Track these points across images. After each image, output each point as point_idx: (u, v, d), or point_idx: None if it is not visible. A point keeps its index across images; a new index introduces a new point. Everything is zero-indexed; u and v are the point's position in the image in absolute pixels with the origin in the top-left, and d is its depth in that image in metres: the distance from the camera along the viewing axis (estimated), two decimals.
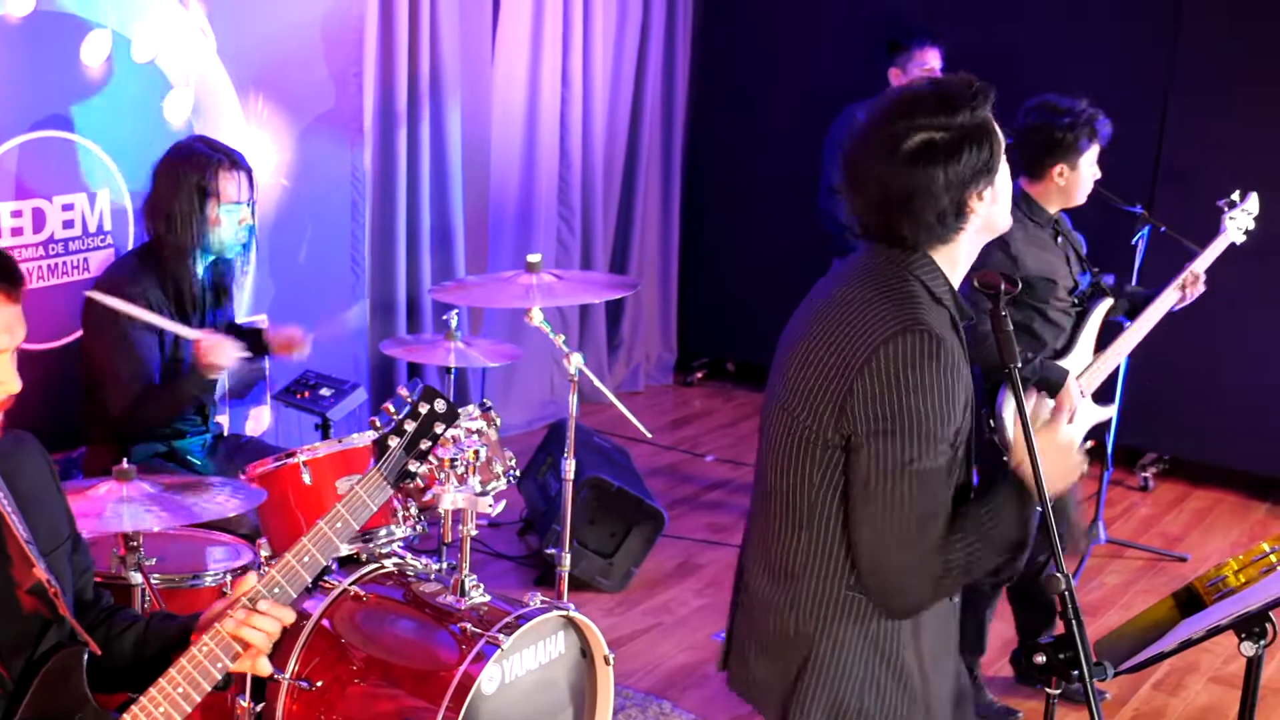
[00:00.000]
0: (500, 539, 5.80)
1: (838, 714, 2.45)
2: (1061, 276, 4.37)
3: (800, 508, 2.44)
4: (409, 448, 2.56)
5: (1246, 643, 2.41)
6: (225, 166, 4.27)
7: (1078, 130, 4.28)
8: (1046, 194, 4.38)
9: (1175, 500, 6.79)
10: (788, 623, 2.48)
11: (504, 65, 6.83)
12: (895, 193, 2.39)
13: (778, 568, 2.50)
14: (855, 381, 2.32)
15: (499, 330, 6.79)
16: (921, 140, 2.37)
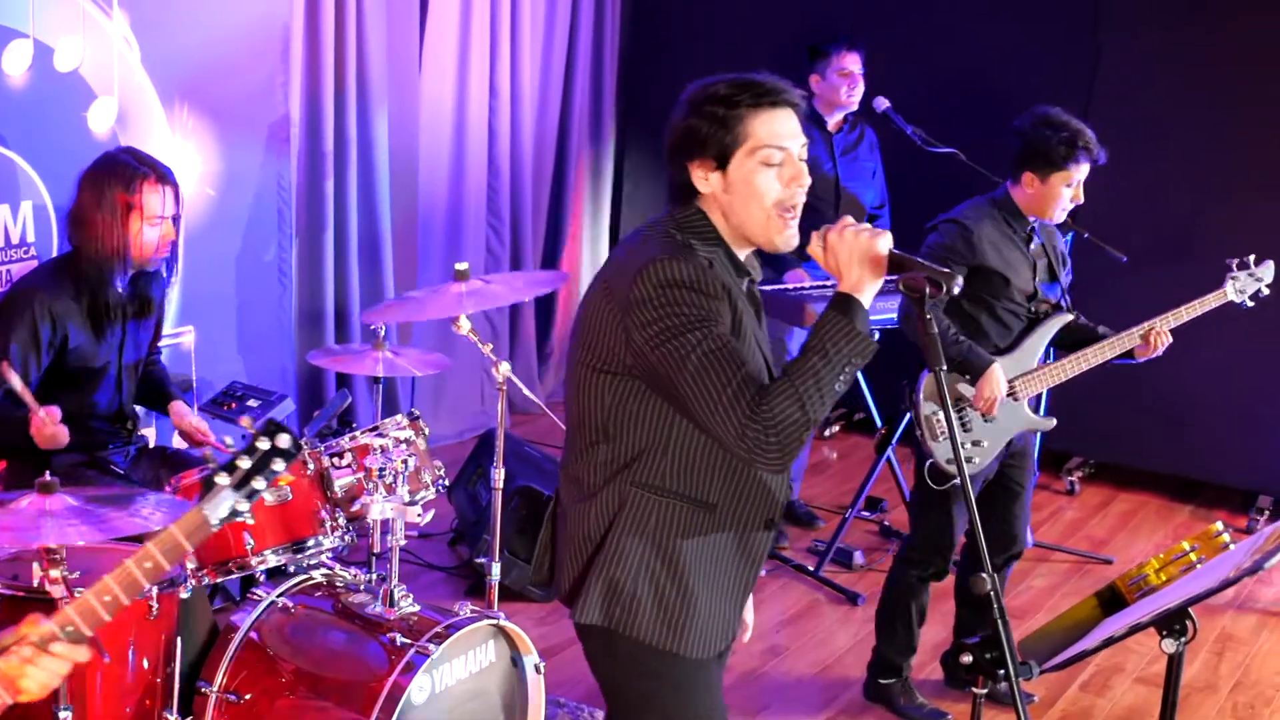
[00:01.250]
0: (431, 550, 5.77)
1: (613, 594, 2.68)
2: (1019, 279, 4.42)
3: (597, 425, 2.68)
4: (239, 486, 2.41)
5: (1168, 640, 2.44)
6: (150, 180, 4.21)
7: (1055, 146, 4.31)
8: (1023, 199, 4.43)
9: (1101, 504, 6.87)
10: (589, 525, 2.72)
11: (431, 74, 6.81)
12: (666, 144, 2.70)
13: (583, 481, 2.74)
14: (629, 312, 2.56)
15: (428, 340, 6.76)
16: (682, 108, 2.66)
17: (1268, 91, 6.38)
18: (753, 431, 2.45)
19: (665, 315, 2.51)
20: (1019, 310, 4.46)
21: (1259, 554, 2.38)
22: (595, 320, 2.64)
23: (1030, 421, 4.55)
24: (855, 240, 2.51)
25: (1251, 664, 5.20)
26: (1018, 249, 4.44)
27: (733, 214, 2.65)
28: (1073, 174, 4.33)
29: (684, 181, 2.66)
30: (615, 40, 7.97)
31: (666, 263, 2.53)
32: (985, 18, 6.99)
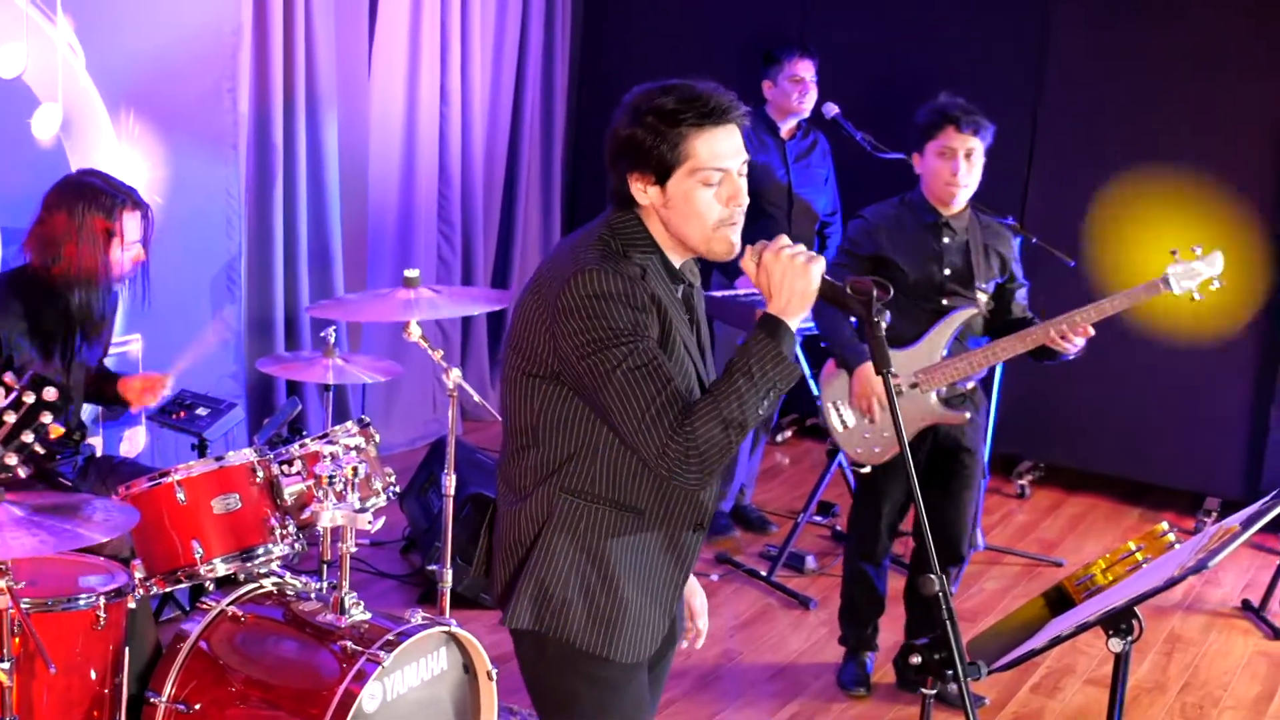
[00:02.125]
0: (383, 558, 5.75)
1: (543, 598, 2.68)
2: (919, 271, 4.49)
3: (527, 428, 2.68)
4: (7, 440, 2.37)
5: (1114, 639, 2.46)
6: (129, 207, 4.25)
7: (922, 119, 4.47)
8: (925, 188, 4.56)
9: (1051, 507, 6.92)
10: (520, 529, 2.72)
11: (381, 81, 6.79)
12: (608, 150, 2.68)
13: (514, 484, 2.75)
14: (555, 319, 2.56)
15: (379, 348, 6.74)
16: (624, 114, 2.64)
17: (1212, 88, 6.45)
18: (673, 451, 2.48)
19: (592, 327, 2.52)
20: (924, 302, 4.50)
21: (1203, 553, 2.40)
22: (525, 323, 2.66)
23: (940, 414, 4.58)
24: (790, 264, 2.51)
25: (1200, 664, 5.25)
26: (922, 242, 4.53)
27: (672, 226, 2.64)
28: (943, 141, 4.43)
29: (623, 189, 2.65)
30: (566, 47, 7.98)
31: (595, 273, 2.53)
32: (933, 22, 7.03)
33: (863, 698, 4.82)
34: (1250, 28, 6.40)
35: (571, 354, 2.54)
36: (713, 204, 2.60)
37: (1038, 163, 6.87)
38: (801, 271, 2.50)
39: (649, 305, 2.55)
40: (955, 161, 4.44)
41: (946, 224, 4.55)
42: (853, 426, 4.62)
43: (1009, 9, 6.88)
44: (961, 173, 4.45)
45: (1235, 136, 6.46)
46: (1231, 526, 2.53)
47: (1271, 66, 6.36)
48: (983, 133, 4.46)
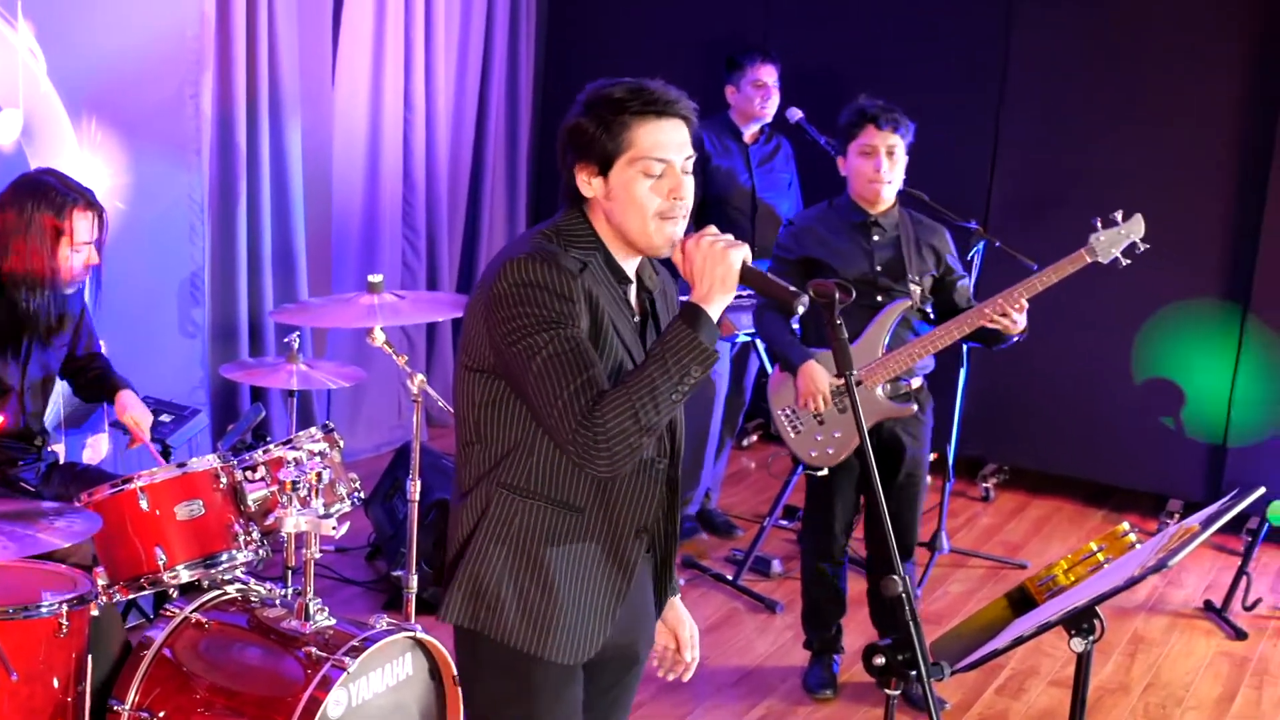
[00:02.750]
0: (348, 564, 5.73)
1: (477, 595, 2.67)
2: (848, 269, 4.53)
3: (471, 424, 2.69)
4: None
5: (1076, 639, 2.47)
6: (80, 206, 4.20)
7: (844, 120, 4.55)
8: (851, 189, 4.63)
9: (1015, 509, 6.95)
10: (461, 525, 2.72)
11: (345, 88, 6.78)
12: (558, 145, 2.69)
13: (460, 481, 2.75)
14: (489, 310, 2.57)
15: (343, 354, 6.72)
16: (583, 98, 2.66)
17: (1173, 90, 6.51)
18: (582, 437, 2.47)
19: (518, 315, 2.52)
20: (860, 300, 4.54)
21: (1163, 552, 2.42)
22: (470, 318, 2.66)
23: (888, 410, 4.60)
24: (710, 251, 2.51)
25: (1163, 665, 5.28)
26: (853, 241, 4.60)
27: (614, 218, 2.63)
28: (864, 140, 4.50)
29: (571, 184, 2.66)
30: (530, 54, 7.98)
31: (524, 261, 2.53)
32: (896, 27, 7.06)
33: (829, 700, 4.84)
34: (1211, 26, 6.44)
35: (500, 341, 2.55)
36: (651, 195, 2.59)
37: (1000, 166, 6.91)
38: (720, 257, 2.49)
39: (578, 297, 2.55)
40: (878, 159, 4.51)
41: (875, 222, 4.62)
42: (804, 431, 4.64)
43: (971, 14, 6.91)
44: (884, 169, 4.52)
45: (1197, 137, 6.51)
46: (1191, 526, 2.55)
47: (1234, 63, 6.41)
48: (902, 129, 4.52)
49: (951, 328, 4.53)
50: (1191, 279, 6.57)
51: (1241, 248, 6.47)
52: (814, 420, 4.61)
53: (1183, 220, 6.42)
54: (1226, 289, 6.54)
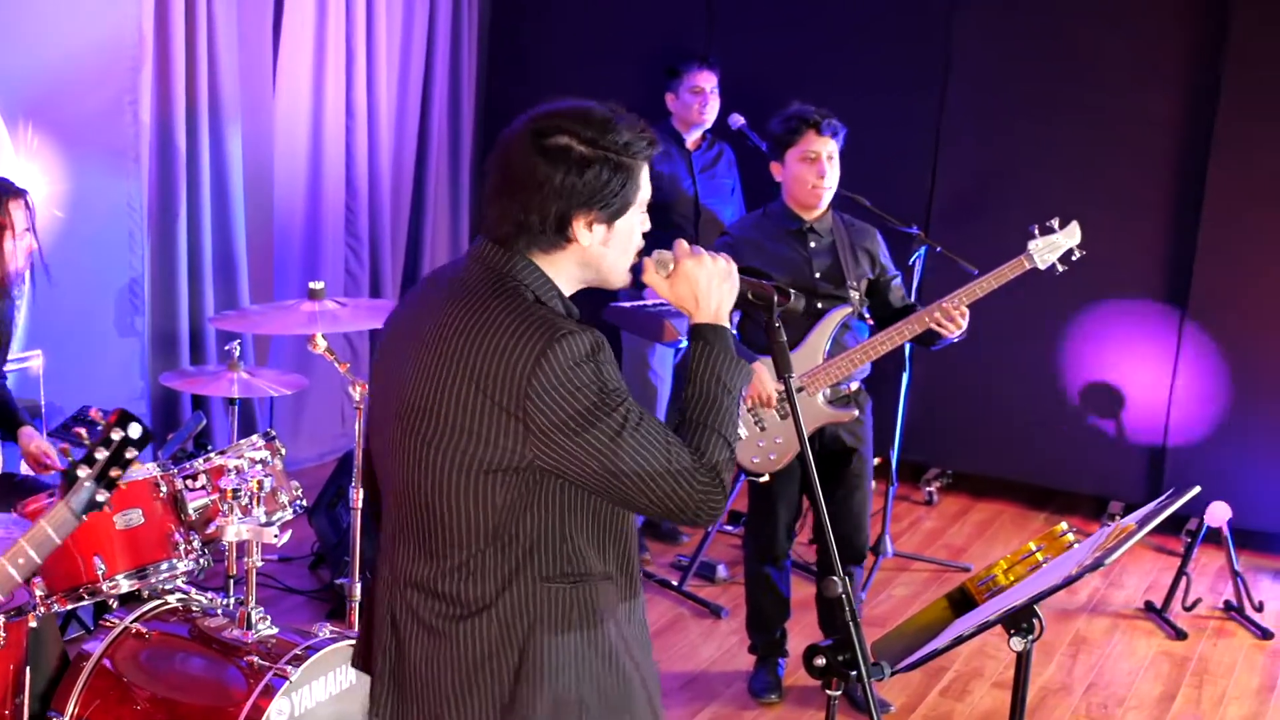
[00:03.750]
0: (292, 574, 5.70)
1: (559, 710, 2.39)
2: (786, 276, 4.50)
3: (485, 532, 2.36)
4: (100, 478, 2.43)
5: (1016, 638, 2.49)
6: (14, 197, 4.17)
7: (779, 127, 4.56)
8: (786, 196, 4.64)
9: (958, 513, 7.00)
10: (491, 641, 2.40)
11: (286, 95, 6.74)
12: (513, 178, 2.37)
13: (464, 597, 2.40)
14: (528, 405, 2.27)
15: (286, 362, 6.68)
16: (561, 141, 2.34)
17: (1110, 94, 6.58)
18: (706, 489, 2.30)
19: (580, 398, 2.27)
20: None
21: (1100, 551, 2.44)
22: (469, 421, 2.31)
23: (828, 415, 4.62)
24: (715, 268, 2.42)
25: (1104, 665, 5.33)
26: (789, 249, 4.62)
27: (595, 263, 2.43)
28: (805, 146, 4.52)
29: (554, 231, 2.37)
30: (473, 62, 7.96)
31: (568, 340, 2.27)
32: (838, 35, 7.10)
33: (774, 704, 4.85)
34: (1143, 36, 6.52)
35: (559, 431, 2.27)
36: (639, 234, 2.46)
37: (941, 172, 6.96)
38: (726, 274, 2.44)
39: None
40: (820, 165, 4.53)
41: (811, 229, 4.64)
42: (746, 437, 4.65)
43: (912, 21, 6.96)
44: (826, 175, 4.54)
45: (1137, 143, 6.58)
46: (1128, 525, 2.57)
47: (1172, 70, 6.48)
48: (839, 135, 4.57)
49: (893, 333, 4.55)
50: (1130, 282, 6.64)
51: (1179, 251, 6.54)
52: (756, 427, 4.63)
53: (1122, 224, 6.49)
54: (1165, 292, 6.61)
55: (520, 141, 2.37)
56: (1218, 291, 6.47)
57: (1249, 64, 6.27)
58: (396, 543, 2.48)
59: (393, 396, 2.43)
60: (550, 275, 2.40)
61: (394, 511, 2.49)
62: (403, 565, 2.46)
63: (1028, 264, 4.58)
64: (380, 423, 2.49)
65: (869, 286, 4.72)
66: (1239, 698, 5.12)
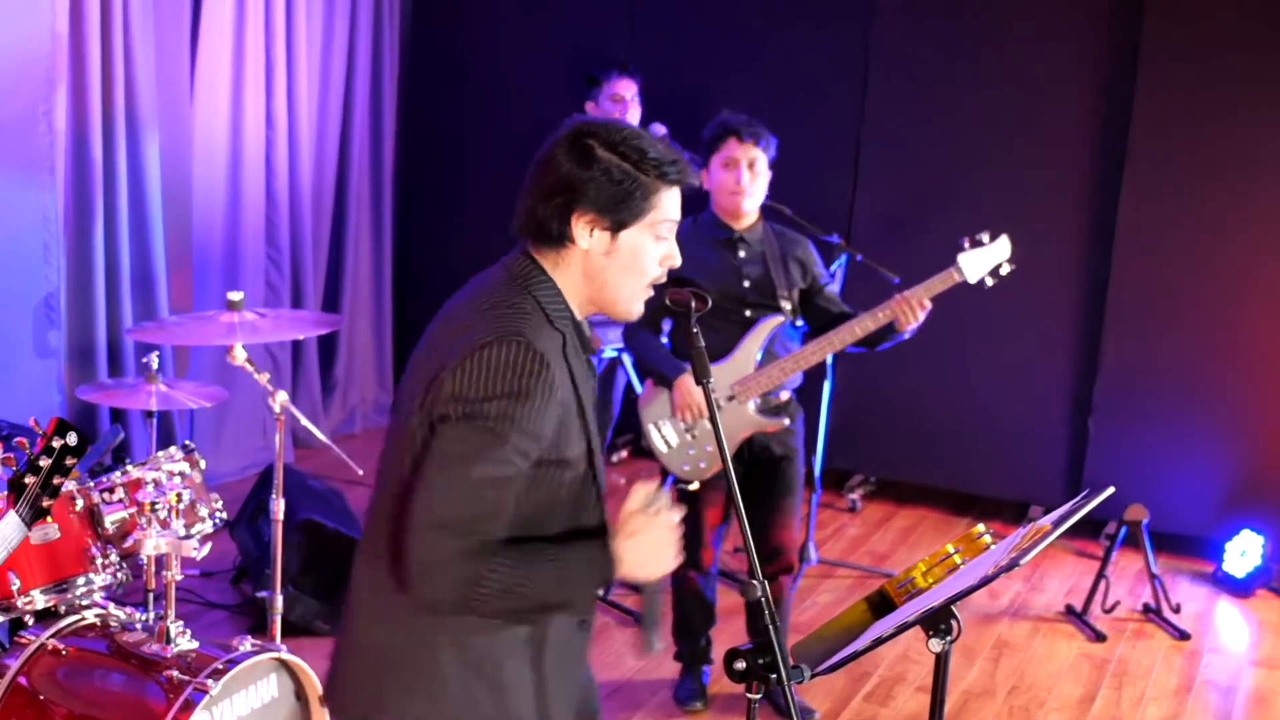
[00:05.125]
0: (213, 589, 5.64)
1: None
2: (716, 285, 4.53)
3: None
4: (44, 484, 2.44)
5: (934, 639, 2.51)
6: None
7: (706, 134, 4.59)
8: (714, 205, 4.67)
9: (882, 520, 7.04)
10: (395, 635, 2.44)
11: (204, 104, 6.68)
12: (536, 172, 2.45)
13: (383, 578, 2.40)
14: (445, 377, 2.29)
15: (207, 374, 6.62)
16: (588, 141, 2.41)
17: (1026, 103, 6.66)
18: (428, 574, 2.27)
19: (476, 387, 2.27)
20: (730, 316, 4.58)
21: (1015, 551, 2.47)
22: (417, 380, 2.38)
23: (759, 423, 4.65)
24: (661, 538, 2.38)
25: (1026, 668, 5.38)
26: (719, 258, 4.63)
27: (600, 278, 2.43)
28: (726, 153, 4.55)
29: (557, 227, 2.40)
30: (394, 72, 7.93)
31: (515, 343, 2.29)
32: (759, 45, 7.14)
33: (699, 712, 4.86)
34: (1060, 47, 6.61)
35: (440, 407, 2.30)
36: (654, 263, 2.46)
37: (862, 182, 7.01)
38: (666, 552, 2.38)
39: (565, 430, 2.36)
40: (738, 171, 4.55)
41: (740, 238, 4.66)
42: (676, 445, 4.66)
43: (832, 32, 7.01)
44: (745, 181, 4.56)
45: (1050, 150, 6.67)
46: (1043, 526, 2.60)
47: (1089, 80, 6.58)
48: (764, 142, 4.58)
49: (823, 343, 4.58)
50: (1050, 289, 6.72)
51: (1097, 259, 6.63)
52: (686, 434, 4.64)
53: (1041, 232, 6.56)
54: (1083, 298, 6.70)
55: (557, 143, 2.45)
56: (1134, 298, 6.56)
57: (1161, 69, 6.37)
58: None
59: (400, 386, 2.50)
60: (560, 288, 2.42)
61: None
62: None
63: (958, 276, 4.64)
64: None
65: (803, 296, 4.75)
66: (1157, 698, 5.19)
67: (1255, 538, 6.24)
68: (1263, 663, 5.57)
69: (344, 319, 7.71)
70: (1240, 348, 6.43)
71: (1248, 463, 6.47)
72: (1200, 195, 6.40)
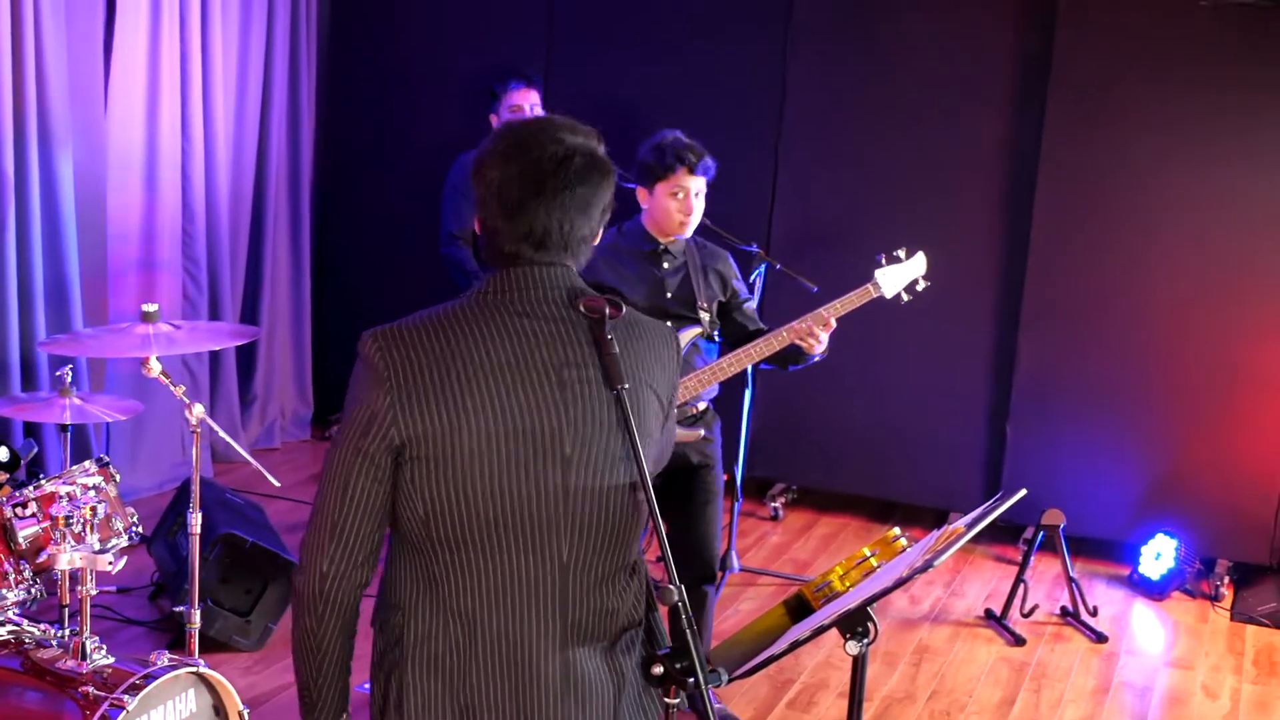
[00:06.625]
0: (131, 605, 5.57)
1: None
2: (638, 295, 4.56)
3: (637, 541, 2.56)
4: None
5: (851, 642, 2.52)
6: None
7: (653, 160, 4.59)
8: (646, 218, 4.68)
9: (804, 528, 7.08)
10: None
11: (119, 116, 6.60)
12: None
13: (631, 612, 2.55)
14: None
15: (124, 388, 6.53)
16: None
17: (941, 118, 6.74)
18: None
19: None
20: None
21: (930, 553, 2.50)
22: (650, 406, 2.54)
23: (679, 433, 4.66)
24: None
25: (946, 672, 5.43)
26: (642, 269, 4.66)
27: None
28: (676, 182, 4.56)
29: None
30: (311, 84, 7.88)
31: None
32: (680, 58, 7.17)
33: None
34: (973, 64, 6.70)
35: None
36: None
37: (781, 193, 7.06)
38: None
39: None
40: (689, 201, 4.58)
41: (665, 250, 4.68)
42: None
43: (750, 46, 7.06)
44: (694, 211, 4.60)
45: (965, 163, 6.75)
46: (957, 528, 2.63)
47: (995, 90, 6.67)
48: (709, 171, 4.62)
49: (740, 355, 4.59)
50: (966, 298, 6.80)
51: (1011, 270, 6.72)
52: None
53: (957, 242, 6.65)
54: (999, 307, 6.78)
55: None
56: (1048, 307, 6.66)
57: (1072, 84, 6.48)
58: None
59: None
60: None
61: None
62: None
63: (874, 292, 4.70)
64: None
65: (721, 309, 4.77)
66: (1075, 700, 5.26)
67: (1169, 541, 6.34)
68: (1177, 663, 5.66)
69: (262, 331, 7.64)
70: (1152, 356, 6.53)
71: (1161, 468, 6.57)
72: (1111, 207, 6.51)
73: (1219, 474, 6.48)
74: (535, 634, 2.38)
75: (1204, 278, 6.42)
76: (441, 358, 2.34)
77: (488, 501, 2.33)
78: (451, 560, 2.37)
